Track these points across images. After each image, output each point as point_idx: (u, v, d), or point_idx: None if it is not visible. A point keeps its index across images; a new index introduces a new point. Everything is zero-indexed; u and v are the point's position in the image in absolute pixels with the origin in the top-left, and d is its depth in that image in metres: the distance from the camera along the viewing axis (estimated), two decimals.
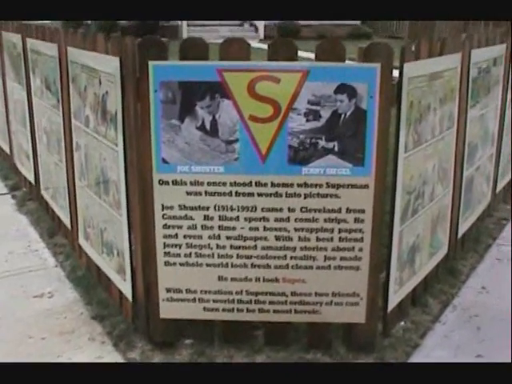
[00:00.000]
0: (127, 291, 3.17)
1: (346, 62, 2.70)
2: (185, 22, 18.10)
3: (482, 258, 4.22)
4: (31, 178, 4.92)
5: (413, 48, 2.84)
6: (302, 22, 18.34)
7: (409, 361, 3.02)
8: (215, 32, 17.81)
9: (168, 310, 3.00)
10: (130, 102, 2.80)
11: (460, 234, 4.04)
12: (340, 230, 2.84)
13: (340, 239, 2.85)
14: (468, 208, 4.12)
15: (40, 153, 4.58)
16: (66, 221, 4.10)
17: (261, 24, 18.43)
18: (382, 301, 3.08)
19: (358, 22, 19.19)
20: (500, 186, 4.97)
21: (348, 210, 2.82)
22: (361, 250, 2.87)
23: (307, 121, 2.71)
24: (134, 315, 3.17)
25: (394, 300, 3.13)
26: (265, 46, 2.84)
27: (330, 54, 2.66)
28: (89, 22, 16.28)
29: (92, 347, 3.14)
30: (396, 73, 2.76)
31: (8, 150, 5.70)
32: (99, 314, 3.43)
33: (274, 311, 2.97)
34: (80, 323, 3.37)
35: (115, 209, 3.15)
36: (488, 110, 4.25)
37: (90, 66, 3.21)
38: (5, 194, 5.41)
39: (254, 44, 2.76)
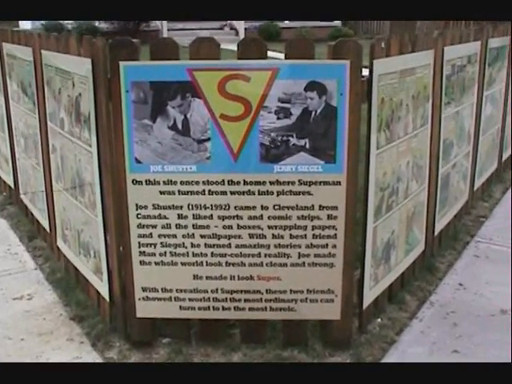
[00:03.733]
0: (104, 291, 3.18)
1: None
2: (165, 27, 18.06)
3: (460, 255, 4.26)
4: (10, 181, 4.92)
5: (382, 45, 2.86)
6: (282, 25, 18.38)
7: (385, 360, 3.04)
8: (195, 36, 17.76)
9: (144, 310, 3.01)
10: (102, 102, 2.81)
11: (437, 231, 4.08)
12: (313, 227, 2.86)
13: (313, 236, 2.87)
14: (445, 205, 4.16)
15: (18, 156, 4.57)
16: (45, 223, 4.10)
17: (241, 27, 18.44)
18: (357, 297, 3.11)
19: (338, 24, 19.24)
20: (478, 184, 5.02)
21: (321, 207, 2.84)
22: (334, 246, 2.89)
23: (278, 119, 2.73)
24: (112, 315, 3.17)
25: (369, 297, 3.15)
26: None
27: (299, 51, 2.68)
28: (69, 27, 16.25)
29: (70, 347, 3.14)
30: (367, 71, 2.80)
31: None
32: (78, 314, 3.44)
33: (250, 309, 2.99)
34: (59, 324, 3.37)
35: (91, 210, 3.16)
36: (463, 108, 4.29)
37: (64, 69, 3.22)
38: None
39: (234, 47, 2.77)
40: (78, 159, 3.21)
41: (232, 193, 2.83)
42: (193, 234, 2.89)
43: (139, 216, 2.87)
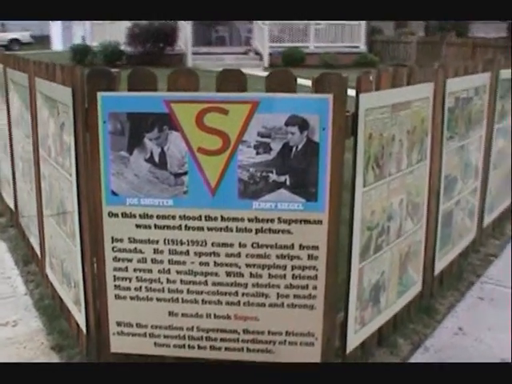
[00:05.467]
0: (82, 323, 3.10)
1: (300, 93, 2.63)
2: (189, 50, 18.27)
3: (463, 296, 4.07)
4: (11, 204, 4.91)
5: (371, 78, 2.76)
6: (306, 50, 18.39)
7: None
8: (220, 60, 17.92)
9: (118, 345, 2.92)
10: (80, 132, 2.76)
11: (437, 271, 3.91)
12: (293, 267, 2.75)
13: (293, 276, 2.76)
14: (447, 244, 3.99)
15: (17, 180, 4.57)
16: (37, 249, 4.06)
17: (266, 52, 18.53)
18: (340, 341, 2.97)
19: (364, 50, 19.19)
20: (488, 221, 4.82)
21: (301, 247, 2.72)
22: (315, 287, 2.77)
23: (257, 153, 2.64)
24: (88, 348, 3.09)
25: (354, 340, 3.00)
26: None
27: (281, 84, 2.60)
28: (95, 49, 16.50)
29: None
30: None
31: None
32: (58, 344, 3.36)
33: (226, 349, 2.87)
34: (38, 353, 3.30)
35: (71, 239, 3.10)
36: (470, 142, 4.13)
37: (51, 97, 3.19)
38: None
39: (258, 72, 2.71)
40: (62, 188, 3.16)
41: (209, 229, 2.74)
42: (169, 270, 2.80)
43: (115, 249, 2.80)
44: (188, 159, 2.67)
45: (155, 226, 2.75)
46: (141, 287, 2.83)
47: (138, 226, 2.77)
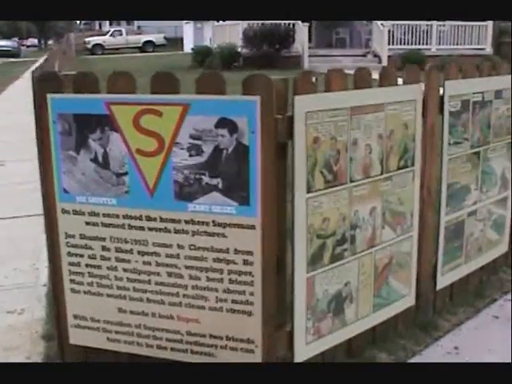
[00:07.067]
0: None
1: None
2: (306, 53, 18.27)
3: (477, 314, 3.75)
4: None
5: (313, 79, 2.64)
6: (427, 52, 17.70)
7: None
8: (338, 62, 17.73)
9: (76, 337, 3.04)
10: (36, 133, 2.91)
11: (441, 286, 3.63)
12: (230, 272, 2.71)
13: (230, 281, 2.71)
14: (455, 257, 3.69)
15: None
16: None
17: (384, 54, 18.08)
18: (290, 351, 2.87)
19: (489, 52, 18.09)
20: None
21: (236, 251, 2.67)
22: (252, 294, 2.70)
23: (190, 156, 2.63)
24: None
25: (305, 352, 2.89)
26: None
27: (210, 87, 2.57)
28: (213, 51, 17.04)
29: None
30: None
31: None
32: (50, 333, 3.55)
33: (172, 349, 2.89)
34: (28, 341, 3.52)
35: None
36: (491, 149, 3.79)
37: None
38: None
39: (375, 75, 2.77)
40: None
41: (150, 229, 2.77)
42: (116, 267, 2.87)
43: (68, 244, 2.92)
44: (127, 160, 2.72)
45: (102, 223, 2.84)
46: (92, 282, 2.93)
47: (87, 223, 2.87)
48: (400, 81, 3.11)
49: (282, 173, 2.69)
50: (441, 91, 3.36)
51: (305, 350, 2.89)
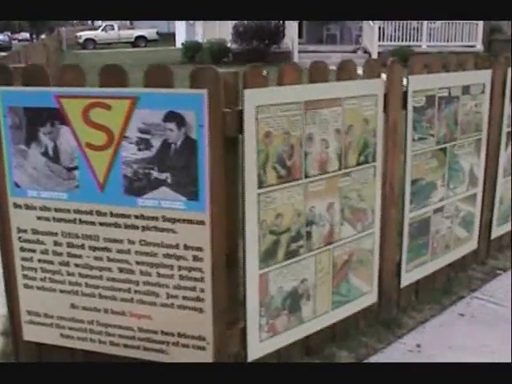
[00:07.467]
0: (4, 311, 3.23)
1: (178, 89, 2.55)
2: (296, 48, 18.19)
3: (443, 311, 3.72)
4: None
5: (264, 72, 2.61)
6: (417, 49, 17.67)
7: None
8: (327, 58, 17.60)
9: (30, 333, 3.01)
10: None
11: (405, 283, 3.60)
12: (180, 268, 2.67)
13: (180, 277, 2.68)
14: (421, 254, 3.66)
15: None
16: None
17: (374, 50, 18.02)
18: (243, 348, 2.84)
19: (480, 49, 18.06)
20: (499, 232, 4.35)
21: (186, 247, 2.64)
22: (202, 290, 2.67)
23: (139, 150, 2.60)
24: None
25: (259, 349, 2.86)
26: None
27: (158, 80, 2.53)
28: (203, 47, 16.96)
29: None
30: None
31: None
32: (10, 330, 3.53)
33: (125, 346, 2.86)
34: None
35: None
36: (459, 145, 3.75)
37: None
38: None
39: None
40: None
41: (100, 224, 2.74)
42: (68, 262, 2.84)
43: (21, 239, 2.89)
44: (77, 154, 2.69)
45: (53, 218, 2.80)
46: (45, 278, 2.89)
47: (38, 218, 2.83)
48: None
49: (233, 168, 2.65)
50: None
51: (258, 347, 2.86)
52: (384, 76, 3.22)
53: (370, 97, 3.10)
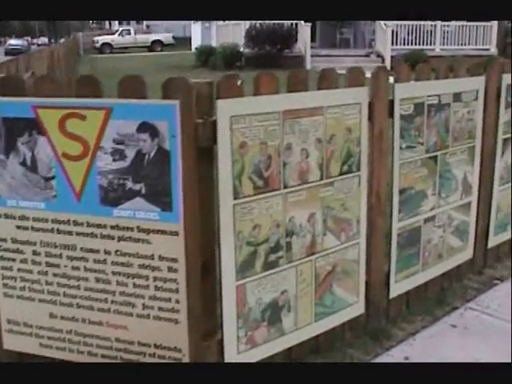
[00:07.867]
0: None
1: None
2: (308, 53, 18.14)
3: (435, 322, 3.66)
4: None
5: (238, 82, 2.58)
6: (430, 53, 17.53)
7: None
8: (341, 62, 17.59)
9: (10, 342, 3.01)
10: None
11: (395, 293, 3.54)
12: (155, 278, 2.66)
13: (156, 288, 2.67)
14: (411, 264, 3.60)
15: None
16: None
17: (387, 54, 17.92)
18: (221, 360, 2.82)
19: (494, 52, 17.85)
20: (497, 241, 4.27)
21: (161, 258, 2.63)
22: (177, 301, 2.65)
23: (114, 160, 2.59)
24: None
25: (236, 361, 2.82)
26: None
27: (131, 91, 2.52)
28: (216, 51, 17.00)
29: None
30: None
31: None
32: None
33: (102, 356, 2.85)
34: None
35: None
36: (451, 153, 3.69)
37: None
38: None
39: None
40: None
41: (77, 234, 2.73)
42: (46, 272, 2.84)
43: (1, 248, 2.89)
44: (54, 164, 2.69)
45: (32, 228, 2.81)
46: (25, 287, 2.89)
47: (18, 227, 2.83)
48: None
49: (208, 178, 2.63)
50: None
51: (236, 358, 2.83)
52: (392, 80, 3.21)
53: (353, 105, 3.06)
